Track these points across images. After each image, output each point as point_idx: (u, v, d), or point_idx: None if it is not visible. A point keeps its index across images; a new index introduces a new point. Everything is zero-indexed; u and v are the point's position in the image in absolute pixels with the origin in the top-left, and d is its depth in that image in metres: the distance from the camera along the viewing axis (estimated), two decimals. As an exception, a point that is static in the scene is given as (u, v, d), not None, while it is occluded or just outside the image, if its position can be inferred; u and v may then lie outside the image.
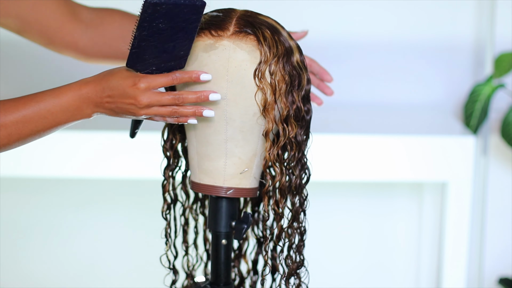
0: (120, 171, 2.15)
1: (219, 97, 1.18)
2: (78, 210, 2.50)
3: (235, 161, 1.24)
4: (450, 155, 2.16)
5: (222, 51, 1.19)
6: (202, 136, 1.23)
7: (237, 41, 1.19)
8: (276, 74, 1.20)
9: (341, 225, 2.52)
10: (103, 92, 1.15)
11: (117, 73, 1.16)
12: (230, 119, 1.21)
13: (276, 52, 1.20)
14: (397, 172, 2.18)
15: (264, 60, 1.19)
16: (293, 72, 1.21)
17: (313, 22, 2.43)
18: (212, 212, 1.29)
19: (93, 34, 1.43)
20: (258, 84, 1.19)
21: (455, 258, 2.22)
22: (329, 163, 2.16)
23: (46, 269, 2.52)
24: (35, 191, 2.49)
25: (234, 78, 1.19)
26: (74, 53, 1.43)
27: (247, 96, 1.20)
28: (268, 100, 1.20)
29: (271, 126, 1.21)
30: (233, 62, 1.19)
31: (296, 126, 1.22)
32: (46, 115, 1.16)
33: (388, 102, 2.48)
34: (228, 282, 1.30)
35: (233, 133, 1.22)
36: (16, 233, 2.51)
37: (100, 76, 1.16)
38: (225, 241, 1.28)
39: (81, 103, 1.16)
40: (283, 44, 1.21)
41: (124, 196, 2.49)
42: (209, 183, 1.26)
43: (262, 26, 1.21)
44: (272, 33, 1.20)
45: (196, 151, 1.25)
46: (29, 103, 1.15)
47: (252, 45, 1.20)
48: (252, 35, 1.20)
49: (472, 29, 2.43)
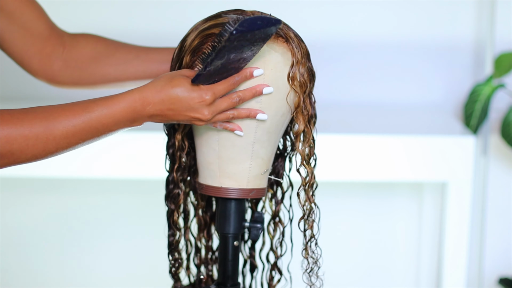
0: (121, 171, 2.15)
1: (272, 90, 1.18)
2: (78, 210, 2.50)
3: (259, 162, 1.25)
4: (450, 155, 2.16)
5: (258, 54, 1.19)
6: (228, 139, 1.22)
7: (270, 44, 1.19)
8: (304, 74, 1.21)
9: (341, 225, 2.52)
10: (163, 105, 1.12)
11: (178, 84, 1.13)
12: (261, 121, 1.21)
13: (302, 52, 1.21)
14: (397, 172, 2.17)
15: (296, 61, 1.20)
16: (313, 70, 1.24)
17: (313, 22, 2.43)
18: (221, 214, 1.28)
19: (67, 56, 1.38)
20: (291, 85, 1.20)
21: (455, 258, 2.22)
22: (329, 163, 2.16)
23: (46, 269, 2.52)
24: (35, 191, 2.49)
25: (269, 80, 1.19)
26: (45, 72, 1.38)
27: (279, 97, 1.21)
28: (301, 101, 1.21)
29: (303, 126, 1.22)
30: (269, 65, 1.19)
31: (314, 123, 1.25)
32: (97, 126, 1.12)
33: (388, 102, 2.48)
34: (235, 283, 1.30)
35: (262, 134, 1.22)
36: (16, 233, 2.51)
37: (158, 87, 1.13)
38: (237, 242, 1.28)
39: (136, 114, 1.13)
40: (303, 42, 1.23)
41: (124, 196, 2.48)
42: (232, 186, 1.25)
43: (284, 27, 1.22)
44: (294, 33, 1.22)
45: (217, 155, 1.24)
46: (80, 113, 1.11)
47: (283, 46, 1.20)
48: (282, 37, 1.20)
49: (472, 29, 2.43)
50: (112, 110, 1.12)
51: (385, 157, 2.16)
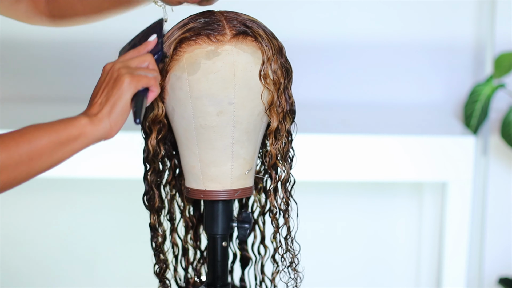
0: (120, 171, 2.15)
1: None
2: (78, 210, 2.50)
3: (241, 162, 1.24)
4: (450, 155, 2.16)
5: (226, 56, 1.19)
6: (207, 143, 1.22)
7: (238, 44, 1.19)
8: (276, 71, 1.20)
9: (341, 225, 2.52)
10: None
11: None
12: (238, 122, 1.21)
13: (274, 49, 1.20)
14: (397, 172, 2.18)
15: (266, 59, 1.19)
16: (286, 66, 1.23)
17: (313, 22, 2.43)
18: (209, 216, 1.28)
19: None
20: (264, 83, 1.20)
21: (455, 258, 2.22)
22: (329, 163, 2.16)
23: (46, 269, 2.52)
24: (35, 191, 2.49)
25: (241, 81, 1.19)
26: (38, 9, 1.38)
27: (253, 97, 1.20)
28: (274, 98, 1.20)
29: (276, 123, 1.22)
30: (238, 66, 1.19)
31: (291, 119, 1.24)
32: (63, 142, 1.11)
33: (388, 102, 2.48)
34: (225, 283, 1.30)
35: (240, 135, 1.22)
36: (15, 233, 2.51)
37: None
38: (225, 243, 1.28)
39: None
40: (275, 39, 1.22)
41: (124, 195, 2.49)
42: (216, 188, 1.25)
43: (254, 25, 1.21)
44: (264, 30, 1.21)
45: (198, 159, 1.24)
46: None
47: (253, 45, 1.20)
48: (250, 36, 1.20)
49: (472, 29, 2.43)
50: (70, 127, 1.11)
51: (385, 157, 2.16)
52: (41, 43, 2.44)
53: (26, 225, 2.51)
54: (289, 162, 1.26)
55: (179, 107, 1.21)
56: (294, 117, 1.25)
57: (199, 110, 1.20)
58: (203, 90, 1.19)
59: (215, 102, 1.20)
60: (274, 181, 1.26)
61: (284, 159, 1.25)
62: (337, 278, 2.54)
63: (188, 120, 1.21)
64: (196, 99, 1.20)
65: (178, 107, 1.21)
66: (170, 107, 1.22)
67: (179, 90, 1.20)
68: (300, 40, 2.43)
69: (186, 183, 1.27)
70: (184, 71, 1.19)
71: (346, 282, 2.54)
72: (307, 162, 2.12)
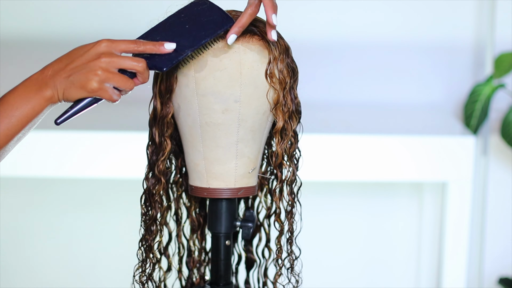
0: (120, 171, 2.15)
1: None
2: (78, 210, 2.50)
3: (245, 161, 1.24)
4: (450, 155, 2.16)
5: (233, 54, 1.19)
6: (212, 140, 1.23)
7: (245, 42, 1.19)
8: (283, 70, 1.21)
9: (342, 225, 2.52)
10: (61, 62, 1.13)
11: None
12: (243, 120, 1.21)
13: (280, 48, 1.21)
14: (397, 172, 2.18)
15: (273, 58, 1.20)
16: (293, 66, 1.23)
17: (313, 22, 2.44)
18: (212, 214, 1.29)
19: None
20: (270, 82, 1.20)
21: (455, 258, 2.22)
22: (329, 163, 2.16)
23: (46, 269, 2.52)
24: (35, 191, 2.49)
25: (247, 80, 1.19)
26: None
27: (259, 95, 1.21)
28: (280, 98, 1.21)
29: (282, 123, 1.22)
30: (245, 64, 1.19)
31: (297, 119, 1.24)
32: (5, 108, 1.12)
33: (388, 102, 2.48)
34: (228, 282, 1.30)
35: (244, 133, 1.22)
36: (15, 233, 2.51)
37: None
38: (228, 242, 1.29)
39: (36, 81, 1.15)
40: (282, 39, 1.23)
41: (124, 195, 2.49)
42: (220, 186, 1.25)
43: (260, 24, 1.21)
44: None
45: (203, 156, 1.24)
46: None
47: (259, 44, 1.20)
48: (257, 35, 1.20)
49: (472, 29, 2.43)
50: (14, 89, 1.16)
51: (385, 157, 2.16)
52: (41, 43, 2.44)
53: (26, 225, 2.51)
54: (295, 163, 1.26)
55: (185, 104, 1.21)
56: (300, 117, 1.25)
57: (204, 107, 1.20)
58: (209, 87, 1.19)
59: (221, 99, 1.20)
60: (280, 182, 1.26)
61: (290, 159, 1.25)
62: (337, 277, 2.54)
63: (193, 117, 1.22)
64: (202, 96, 1.20)
65: (184, 104, 1.21)
66: (176, 104, 1.23)
67: (185, 87, 1.20)
68: (301, 40, 2.43)
69: (190, 181, 1.28)
70: (190, 68, 1.20)
71: (346, 282, 2.54)
72: (307, 162, 2.12)
